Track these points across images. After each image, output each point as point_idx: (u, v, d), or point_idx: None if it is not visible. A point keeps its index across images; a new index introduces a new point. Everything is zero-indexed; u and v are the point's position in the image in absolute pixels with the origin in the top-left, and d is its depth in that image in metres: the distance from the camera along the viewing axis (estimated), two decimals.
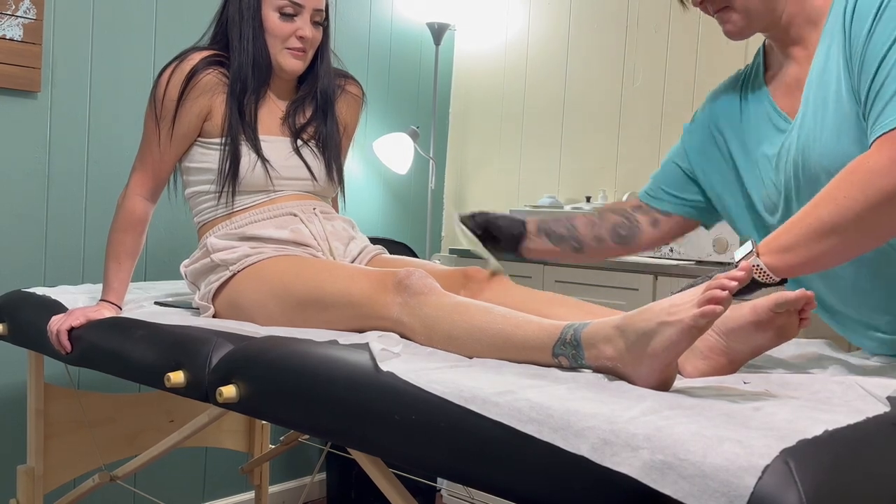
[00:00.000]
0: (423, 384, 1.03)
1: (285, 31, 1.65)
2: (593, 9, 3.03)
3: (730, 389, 1.03)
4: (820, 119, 1.20)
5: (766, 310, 1.08)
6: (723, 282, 0.96)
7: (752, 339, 1.11)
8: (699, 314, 0.96)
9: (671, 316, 0.98)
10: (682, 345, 0.98)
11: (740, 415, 0.86)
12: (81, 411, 2.04)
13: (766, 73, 1.36)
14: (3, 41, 2.20)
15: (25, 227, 2.29)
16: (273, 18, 1.65)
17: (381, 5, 3.18)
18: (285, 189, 1.70)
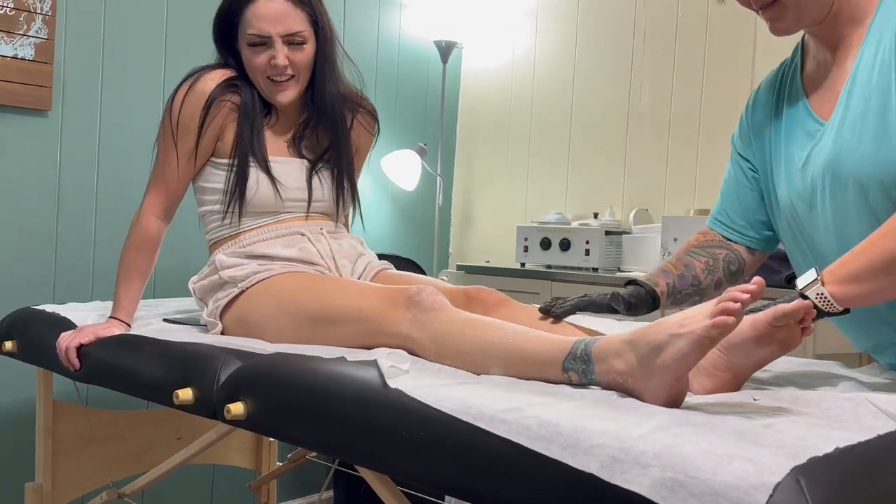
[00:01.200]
0: (431, 401, 1.02)
1: (260, 62, 1.62)
2: (600, 27, 3.05)
3: (740, 406, 1.02)
4: (859, 126, 1.16)
5: (765, 324, 1.07)
6: (735, 294, 0.96)
7: (754, 353, 1.10)
8: (711, 325, 0.95)
9: (682, 328, 0.98)
10: (693, 357, 0.98)
11: (751, 432, 0.86)
12: (89, 428, 2.04)
13: (802, 71, 1.32)
14: (15, 60, 2.22)
15: (36, 245, 2.31)
16: (246, 53, 1.63)
17: (389, 23, 3.21)
18: (293, 210, 1.70)
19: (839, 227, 1.21)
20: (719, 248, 1.44)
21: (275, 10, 1.59)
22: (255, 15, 1.60)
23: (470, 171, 3.46)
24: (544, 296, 2.63)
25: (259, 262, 1.62)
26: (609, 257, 2.64)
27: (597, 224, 2.71)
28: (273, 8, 1.59)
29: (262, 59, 1.62)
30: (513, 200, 3.30)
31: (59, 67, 2.32)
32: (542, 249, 2.73)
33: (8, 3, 2.20)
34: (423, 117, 3.33)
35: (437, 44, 3.15)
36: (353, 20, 3.06)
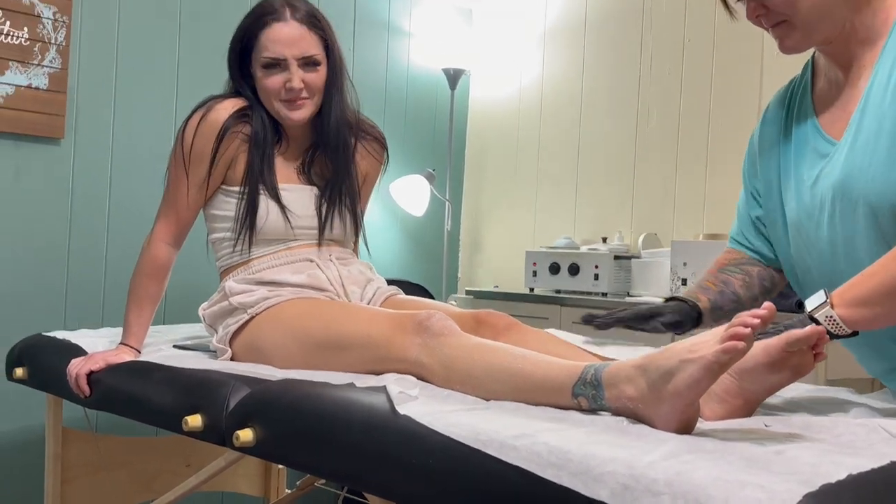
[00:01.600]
0: (440, 427, 1.02)
1: (274, 85, 1.63)
2: (607, 51, 3.07)
3: (751, 432, 1.02)
4: (871, 147, 1.16)
5: (777, 350, 1.07)
6: (745, 319, 0.96)
7: (767, 379, 1.10)
8: (721, 350, 0.95)
9: (693, 353, 0.97)
10: (704, 382, 0.97)
11: (762, 459, 0.85)
12: (99, 455, 2.04)
13: (813, 89, 1.32)
14: (30, 90, 2.25)
15: (47, 272, 2.32)
16: (260, 75, 1.64)
17: (398, 52, 3.24)
18: (304, 237, 1.71)
19: (848, 248, 1.21)
20: (751, 265, 1.43)
21: (290, 33, 1.61)
22: (270, 38, 1.61)
23: (478, 197, 3.48)
24: (553, 321, 2.62)
25: (268, 288, 1.63)
26: (618, 282, 2.64)
27: (606, 249, 2.71)
28: (288, 31, 1.61)
29: (276, 82, 1.63)
30: (521, 225, 3.30)
31: (72, 96, 2.35)
32: (551, 274, 2.73)
33: (23, 34, 2.23)
34: (432, 143, 3.35)
35: (445, 71, 3.17)
36: (363, 49, 3.09)
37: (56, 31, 2.29)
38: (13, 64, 2.22)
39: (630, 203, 2.97)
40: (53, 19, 2.29)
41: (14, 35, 2.22)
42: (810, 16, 1.20)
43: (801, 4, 1.19)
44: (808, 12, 1.19)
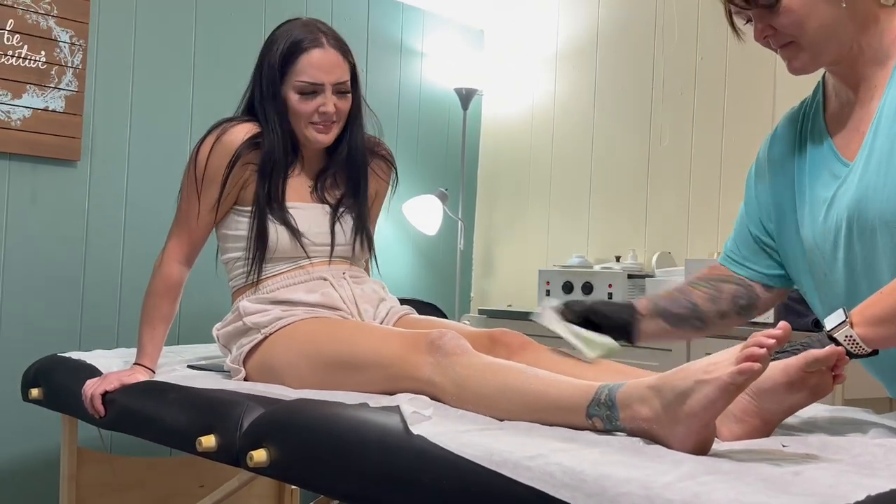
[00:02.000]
0: (454, 447, 1.02)
1: (308, 109, 1.66)
2: (619, 71, 3.08)
3: (768, 453, 1.01)
4: (885, 167, 1.15)
5: (797, 369, 1.06)
6: (761, 340, 0.95)
7: (785, 399, 1.09)
8: (737, 371, 0.94)
9: (708, 374, 0.97)
10: (720, 404, 0.96)
11: (780, 480, 0.84)
12: (113, 476, 2.04)
13: (825, 110, 1.31)
14: (46, 112, 2.28)
15: (63, 292, 2.34)
16: (294, 99, 1.66)
17: (411, 72, 3.26)
18: (315, 254, 1.72)
19: (867, 268, 1.20)
20: (726, 282, 1.42)
21: (328, 59, 1.64)
22: (311, 64, 1.64)
23: (491, 216, 3.48)
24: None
25: (282, 307, 1.63)
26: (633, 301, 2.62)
27: (619, 267, 2.70)
28: (327, 58, 1.64)
29: (310, 107, 1.65)
30: (534, 244, 3.30)
31: (88, 119, 2.37)
32: (565, 293, 2.72)
33: (41, 58, 2.26)
34: (444, 163, 3.36)
35: (457, 91, 3.19)
36: (376, 70, 3.11)
37: (73, 55, 2.32)
38: (30, 87, 2.25)
39: (643, 222, 2.97)
40: (70, 43, 2.32)
41: (31, 59, 2.25)
42: (817, 36, 1.20)
43: (808, 25, 1.19)
44: (814, 33, 1.20)
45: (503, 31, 3.46)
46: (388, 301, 1.76)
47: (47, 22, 2.28)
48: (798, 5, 1.19)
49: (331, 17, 2.92)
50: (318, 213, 1.74)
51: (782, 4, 1.19)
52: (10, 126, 2.22)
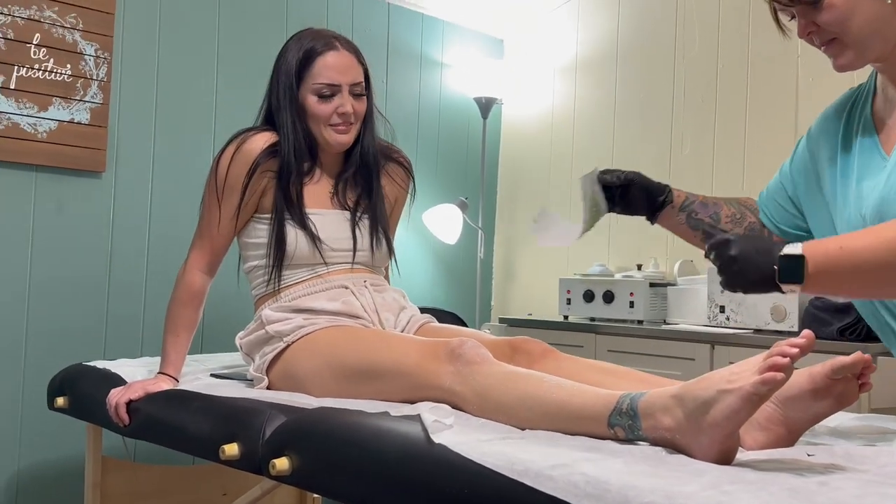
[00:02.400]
0: (475, 456, 1.02)
1: (326, 111, 1.68)
2: (639, 79, 3.07)
3: (793, 462, 1.00)
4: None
5: (822, 377, 1.05)
6: (784, 349, 0.94)
7: (811, 407, 1.08)
8: (760, 381, 0.94)
9: (731, 384, 0.96)
10: (743, 413, 0.96)
11: (805, 490, 0.83)
12: (137, 484, 2.05)
13: (873, 102, 1.30)
14: (72, 125, 2.31)
15: (88, 302, 2.37)
16: (312, 102, 1.69)
17: (430, 82, 3.27)
18: (336, 261, 1.73)
19: None
20: (752, 213, 1.49)
21: (343, 61, 1.68)
22: (327, 66, 1.68)
23: (511, 224, 3.48)
24: (588, 348, 2.60)
25: (304, 316, 1.64)
26: (654, 309, 2.61)
27: (641, 276, 2.69)
28: (342, 60, 1.68)
29: (328, 108, 1.68)
30: (555, 253, 3.29)
31: (113, 131, 2.41)
32: (586, 302, 2.71)
33: (66, 71, 2.30)
34: (464, 172, 3.37)
35: (476, 100, 3.20)
36: (396, 79, 3.13)
37: (98, 68, 2.36)
38: (56, 100, 2.29)
39: (665, 230, 2.94)
40: (95, 56, 2.35)
41: (58, 72, 2.29)
42: (861, 33, 1.18)
43: (852, 22, 1.18)
44: (858, 30, 1.18)
45: (523, 40, 3.47)
46: (408, 309, 1.77)
47: (73, 36, 2.31)
48: (841, 2, 1.17)
49: (351, 28, 2.94)
50: (339, 219, 1.75)
51: (825, 1, 1.17)
52: (36, 138, 2.25)
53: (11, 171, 2.24)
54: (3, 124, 2.20)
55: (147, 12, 2.49)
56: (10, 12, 2.20)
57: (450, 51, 3.32)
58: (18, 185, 2.26)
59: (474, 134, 3.36)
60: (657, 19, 3.02)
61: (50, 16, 2.27)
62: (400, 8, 3.15)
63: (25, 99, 2.23)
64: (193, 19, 2.59)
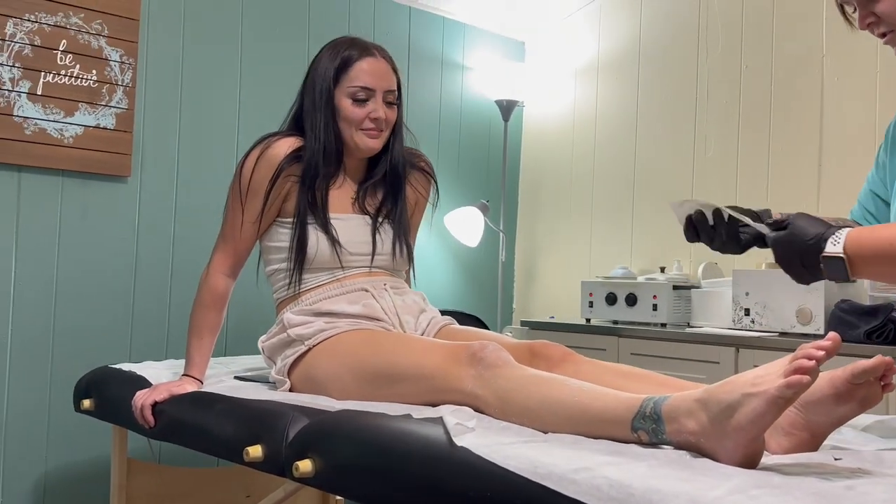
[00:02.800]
0: (498, 460, 1.02)
1: (359, 115, 1.71)
2: (662, 81, 3.05)
3: (819, 466, 0.99)
4: None
5: (844, 381, 1.04)
6: (810, 352, 0.93)
7: (834, 411, 1.06)
8: (785, 385, 0.93)
9: (756, 387, 0.95)
10: (768, 417, 0.95)
11: (831, 494, 0.82)
12: (162, 486, 2.07)
13: None
14: (97, 130, 2.34)
15: (114, 305, 2.39)
16: (346, 104, 1.71)
17: (451, 84, 3.27)
18: (356, 264, 1.74)
19: None
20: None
21: (380, 68, 1.72)
22: (364, 70, 1.70)
23: (533, 227, 3.47)
24: (611, 352, 2.59)
25: (325, 319, 1.65)
26: (678, 312, 2.59)
27: (664, 278, 2.67)
28: (379, 66, 1.72)
29: (362, 112, 1.70)
30: (576, 255, 3.28)
31: (138, 136, 2.43)
32: (608, 305, 2.70)
33: (92, 76, 2.33)
34: (486, 174, 3.37)
35: (498, 103, 3.19)
36: (417, 82, 3.13)
37: (123, 73, 2.38)
38: (82, 105, 2.31)
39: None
40: (120, 62, 2.38)
41: (83, 77, 2.32)
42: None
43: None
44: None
45: (544, 43, 3.46)
46: (428, 312, 1.77)
47: (98, 42, 2.34)
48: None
49: (373, 31, 2.95)
50: (359, 224, 1.76)
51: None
52: (62, 143, 2.28)
53: (38, 176, 2.27)
54: (31, 130, 2.23)
55: (171, 18, 2.51)
56: (36, 19, 2.24)
57: (471, 54, 3.32)
58: (45, 190, 2.29)
59: (496, 136, 3.36)
60: (680, 20, 3.00)
61: (76, 22, 2.30)
62: (421, 12, 3.16)
63: (52, 104, 2.26)
64: (217, 25, 2.61)
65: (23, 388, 2.24)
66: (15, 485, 2.23)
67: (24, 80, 2.22)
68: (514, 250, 3.49)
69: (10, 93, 2.19)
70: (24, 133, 2.22)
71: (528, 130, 3.50)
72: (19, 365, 2.24)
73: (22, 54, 2.21)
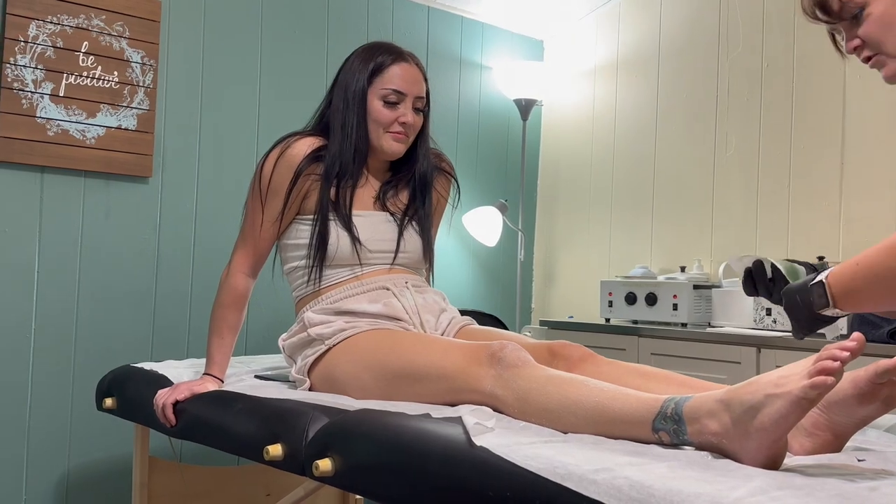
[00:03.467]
0: (517, 460, 1.01)
1: (388, 117, 1.73)
2: (682, 79, 3.03)
3: (843, 468, 0.98)
4: None
5: (866, 382, 1.03)
6: (834, 352, 0.92)
7: (856, 412, 1.05)
8: (809, 385, 0.92)
9: (779, 388, 0.94)
10: (792, 418, 0.94)
11: (855, 496, 0.82)
12: (183, 484, 2.08)
13: None
14: (119, 131, 2.36)
15: (135, 304, 2.41)
16: (377, 106, 1.73)
17: (470, 84, 3.27)
18: (376, 262, 1.74)
19: None
20: None
21: (413, 74, 1.76)
22: (398, 74, 1.74)
23: (551, 226, 3.46)
24: (630, 352, 2.58)
25: (346, 318, 1.65)
26: (698, 312, 2.58)
27: (684, 278, 2.66)
28: (413, 72, 1.76)
29: (392, 115, 1.73)
30: (596, 255, 3.27)
31: (159, 136, 2.45)
32: (628, 304, 2.69)
33: (114, 78, 2.35)
34: (504, 174, 3.36)
35: (516, 102, 3.19)
36: (436, 81, 3.13)
37: (144, 75, 2.40)
38: (104, 106, 2.34)
39: (709, 231, 2.91)
40: (141, 63, 2.40)
41: (105, 79, 2.34)
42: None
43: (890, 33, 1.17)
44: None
45: (563, 42, 3.45)
46: (448, 311, 1.77)
47: (120, 43, 2.36)
48: (879, 12, 1.16)
49: (391, 31, 2.96)
50: (380, 221, 1.77)
51: (865, 13, 1.17)
52: (85, 144, 2.31)
53: (61, 177, 2.30)
54: (53, 131, 2.25)
55: (191, 20, 2.53)
56: (59, 21, 2.26)
57: (490, 53, 3.32)
58: (68, 191, 2.31)
59: (514, 136, 3.35)
60: (701, 18, 2.98)
61: (98, 24, 2.33)
62: (440, 11, 3.16)
63: (74, 106, 2.29)
64: (236, 25, 2.63)
65: (46, 388, 2.27)
66: (39, 482, 2.25)
67: (47, 82, 2.24)
68: (532, 250, 3.48)
69: (32, 94, 2.22)
70: (46, 134, 2.24)
71: (546, 129, 3.50)
72: (42, 364, 2.26)
73: (44, 56, 2.24)
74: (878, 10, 1.17)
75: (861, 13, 1.17)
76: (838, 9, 1.20)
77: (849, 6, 1.19)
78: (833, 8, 1.21)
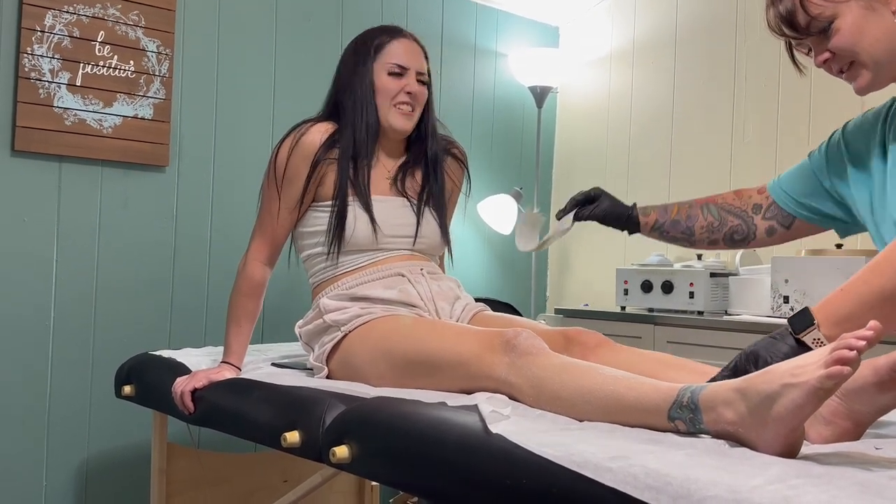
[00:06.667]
0: (533, 447, 1.02)
1: (394, 87, 1.75)
2: (699, 65, 3.01)
3: (861, 456, 0.97)
4: None
5: (887, 369, 1.02)
6: (851, 342, 0.92)
7: (876, 400, 1.05)
8: (826, 375, 0.91)
9: (795, 377, 0.94)
10: (808, 408, 0.93)
11: (874, 484, 0.81)
12: (202, 470, 2.10)
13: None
14: (136, 120, 2.37)
15: (154, 293, 2.43)
16: (383, 78, 1.75)
17: (485, 71, 3.26)
18: (393, 247, 1.74)
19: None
20: (737, 216, 1.55)
21: (413, 48, 1.80)
22: (399, 49, 1.78)
23: None
24: (647, 340, 2.57)
25: (361, 305, 1.66)
26: (715, 300, 2.56)
27: (701, 266, 2.64)
28: (413, 47, 1.80)
29: (397, 85, 1.76)
30: (611, 242, 3.25)
31: (175, 125, 2.46)
32: (644, 292, 2.68)
33: (130, 67, 2.36)
34: (519, 162, 3.35)
35: (531, 89, 3.17)
36: (450, 69, 3.13)
37: (160, 64, 2.41)
38: (121, 96, 2.35)
39: None
40: (157, 52, 2.41)
41: (121, 68, 2.35)
42: (875, 53, 1.21)
43: (863, 42, 1.21)
44: (871, 49, 1.22)
45: (579, 28, 3.43)
46: (462, 298, 1.78)
47: (135, 33, 2.37)
48: (849, 24, 1.19)
49: (406, 18, 2.95)
50: (397, 206, 1.77)
51: (834, 26, 1.19)
52: (102, 134, 2.32)
53: (78, 166, 2.31)
54: (70, 120, 2.27)
55: (206, 8, 2.53)
56: (75, 11, 2.27)
57: (504, 40, 3.30)
58: (85, 180, 2.33)
59: (529, 123, 3.34)
60: (716, 4, 2.95)
61: (113, 13, 2.33)
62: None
63: (91, 95, 2.30)
64: (252, 13, 2.63)
65: (65, 375, 2.29)
66: (58, 469, 2.28)
67: (64, 72, 2.25)
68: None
69: (49, 84, 2.23)
70: (64, 124, 2.26)
71: (562, 117, 3.48)
72: (61, 352, 2.28)
73: (61, 46, 2.25)
74: (846, 22, 1.19)
75: (830, 27, 1.19)
76: (806, 24, 1.22)
77: (817, 21, 1.21)
78: (800, 23, 1.22)
